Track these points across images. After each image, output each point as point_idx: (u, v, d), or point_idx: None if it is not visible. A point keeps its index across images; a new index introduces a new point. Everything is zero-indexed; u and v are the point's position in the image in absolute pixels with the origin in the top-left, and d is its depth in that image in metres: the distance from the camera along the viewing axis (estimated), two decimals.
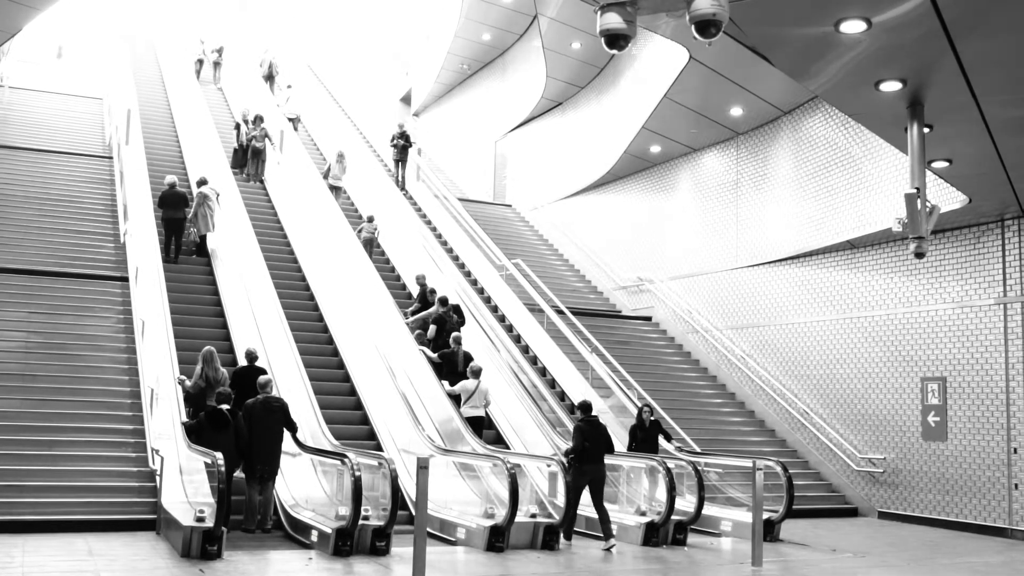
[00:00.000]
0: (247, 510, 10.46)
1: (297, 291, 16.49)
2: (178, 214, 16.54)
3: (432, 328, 14.61)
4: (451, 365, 13.78)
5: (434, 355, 14.03)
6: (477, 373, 13.09)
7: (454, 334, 14.22)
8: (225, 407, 10.40)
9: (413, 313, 15.59)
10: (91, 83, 27.49)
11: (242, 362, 12.24)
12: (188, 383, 11.48)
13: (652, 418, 12.89)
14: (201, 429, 10.18)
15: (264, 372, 11.78)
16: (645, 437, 12.65)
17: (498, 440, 13.71)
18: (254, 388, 10.95)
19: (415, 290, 16.49)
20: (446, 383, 13.28)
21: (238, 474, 10.49)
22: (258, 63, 29.54)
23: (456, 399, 12.96)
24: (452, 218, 21.83)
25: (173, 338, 12.55)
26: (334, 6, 34.83)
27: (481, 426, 12.92)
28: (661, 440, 12.82)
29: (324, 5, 35.35)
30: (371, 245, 18.50)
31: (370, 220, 19.13)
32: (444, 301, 15.02)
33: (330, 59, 33.86)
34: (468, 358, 13.83)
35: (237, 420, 10.42)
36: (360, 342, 14.53)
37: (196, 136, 21.67)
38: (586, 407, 11.35)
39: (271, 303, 14.55)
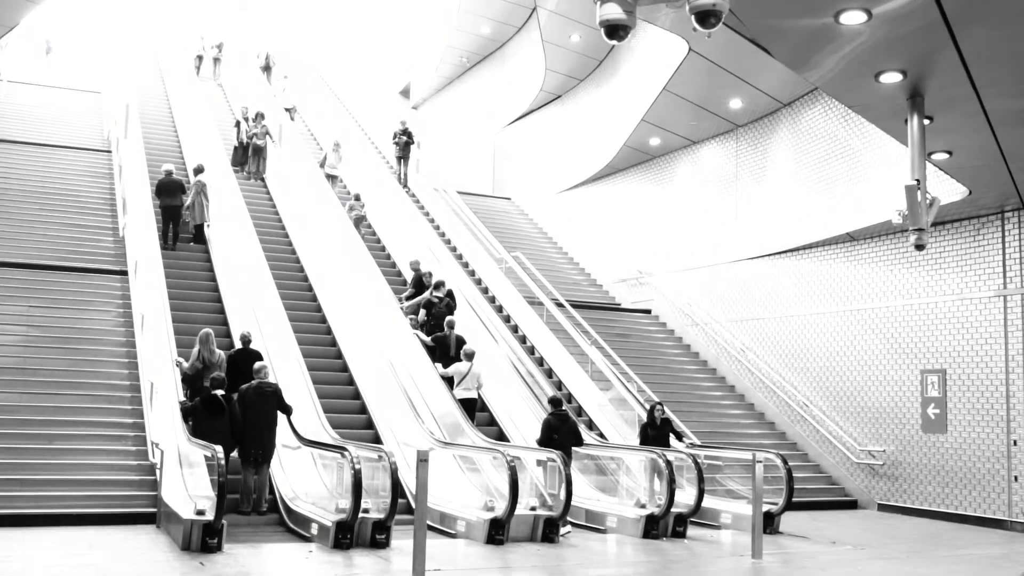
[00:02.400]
0: (243, 493, 10.63)
1: (298, 285, 16.51)
2: (175, 201, 16.74)
3: (422, 312, 14.95)
4: (444, 348, 14.05)
5: (427, 338, 14.29)
6: (470, 356, 13.37)
7: (448, 318, 14.50)
8: (220, 392, 10.56)
9: (408, 298, 15.81)
10: (89, 77, 27.42)
11: (238, 346, 12.40)
12: (185, 365, 11.68)
13: (664, 416, 12.87)
14: (196, 413, 10.37)
15: (259, 355, 11.99)
16: (657, 435, 12.63)
17: (492, 424, 13.95)
18: (249, 369, 11.12)
19: (410, 276, 16.62)
20: (439, 365, 13.57)
21: (234, 456, 10.63)
22: (255, 55, 29.64)
23: (449, 381, 13.22)
24: (451, 211, 21.83)
25: (172, 329, 12.66)
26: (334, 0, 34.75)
27: (474, 408, 13.20)
28: (672, 440, 12.79)
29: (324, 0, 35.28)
30: (360, 223, 19.00)
31: (357, 198, 19.60)
32: (438, 285, 15.30)
33: (329, 52, 33.81)
34: (461, 341, 14.08)
35: (232, 405, 10.58)
36: (359, 334, 14.59)
37: (195, 132, 21.66)
38: (556, 402, 12.09)
39: (269, 292, 14.65)
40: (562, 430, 11.70)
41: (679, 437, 13.04)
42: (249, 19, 35.48)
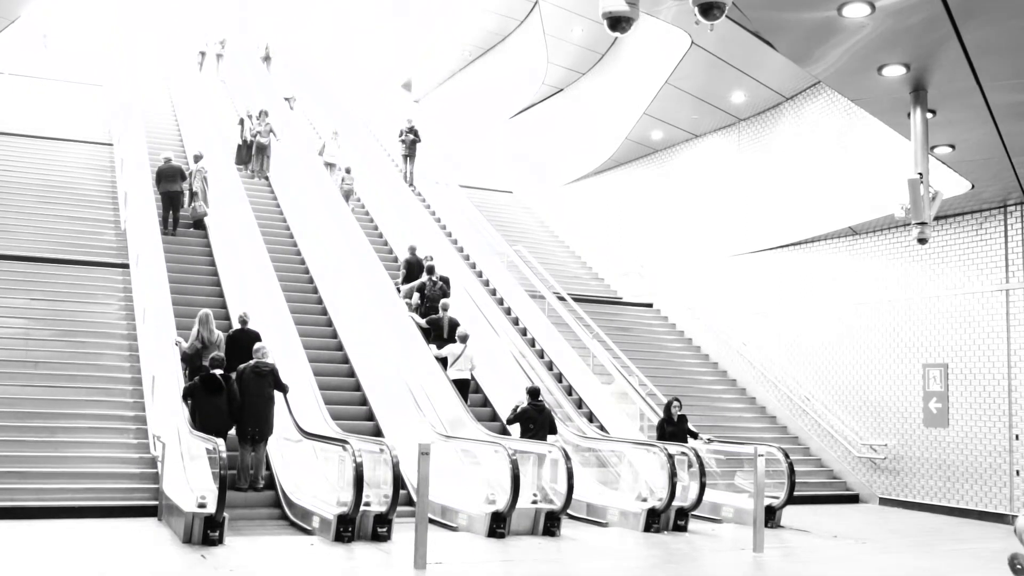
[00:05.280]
0: (240, 470, 10.79)
1: (298, 275, 16.53)
2: (175, 187, 16.93)
3: (417, 296, 15.25)
4: (438, 330, 14.36)
5: (422, 321, 14.54)
6: (464, 339, 13.66)
7: (442, 301, 14.77)
8: (218, 372, 10.71)
9: (403, 282, 16.06)
10: (90, 71, 27.38)
11: (236, 326, 12.56)
12: (184, 345, 11.91)
13: (681, 412, 12.71)
14: (195, 392, 10.55)
15: (257, 335, 12.13)
16: (675, 431, 12.47)
17: (485, 405, 14.20)
18: (246, 349, 11.31)
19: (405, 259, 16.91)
20: (433, 347, 13.86)
21: (231, 433, 10.83)
22: (256, 47, 29.78)
23: (443, 362, 13.49)
24: (453, 206, 21.81)
25: (174, 320, 12.76)
26: None
27: (467, 389, 13.51)
28: (688, 439, 12.62)
29: None
30: (349, 196, 19.76)
31: (348, 171, 20.19)
32: (431, 270, 15.53)
33: (331, 44, 33.79)
34: (454, 324, 14.33)
35: (230, 384, 10.74)
36: (359, 324, 14.69)
37: (197, 127, 21.68)
38: (533, 392, 12.21)
39: (268, 275, 14.88)
40: (538, 420, 11.94)
41: (694, 435, 12.78)
42: (251, 15, 35.42)
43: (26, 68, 26.28)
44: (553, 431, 12.16)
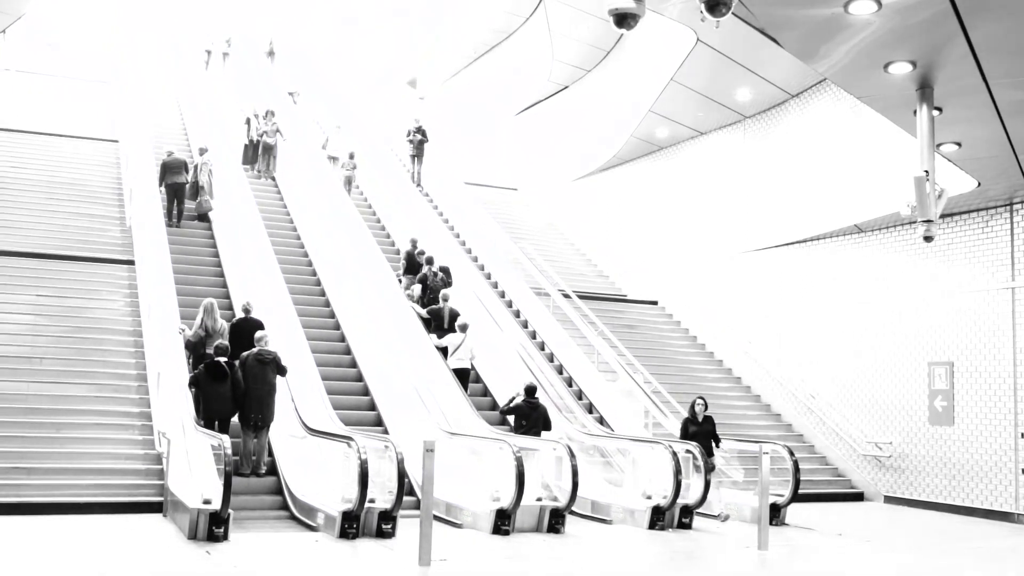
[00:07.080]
0: (243, 456, 10.92)
1: (306, 279, 16.53)
2: (180, 179, 17.11)
3: (417, 287, 15.43)
4: (438, 320, 14.53)
5: (423, 311, 14.67)
6: (464, 328, 13.84)
7: (442, 291, 14.94)
8: (223, 359, 10.85)
9: (404, 273, 16.24)
10: (96, 68, 27.41)
11: (240, 315, 12.66)
12: (188, 333, 12.03)
13: (706, 412, 12.28)
14: (200, 379, 10.73)
15: (260, 324, 12.24)
16: (697, 432, 12.07)
17: (485, 395, 14.34)
18: (249, 338, 11.45)
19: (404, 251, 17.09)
20: (434, 336, 14.00)
21: (234, 420, 11.00)
22: (261, 43, 29.91)
23: (443, 352, 13.65)
24: (459, 204, 21.79)
25: (179, 315, 12.80)
26: None
27: (467, 378, 13.68)
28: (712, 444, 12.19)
29: None
30: (350, 183, 20.26)
31: (351, 157, 20.66)
32: (430, 261, 15.74)
33: (336, 41, 33.77)
34: (454, 314, 14.47)
35: (234, 371, 10.89)
36: (363, 321, 14.77)
37: (202, 123, 21.71)
38: (530, 390, 12.29)
39: (271, 266, 15.00)
40: (531, 417, 12.01)
41: (718, 442, 12.27)
42: (257, 12, 35.43)
43: (32, 65, 26.31)
44: (547, 428, 12.17)
